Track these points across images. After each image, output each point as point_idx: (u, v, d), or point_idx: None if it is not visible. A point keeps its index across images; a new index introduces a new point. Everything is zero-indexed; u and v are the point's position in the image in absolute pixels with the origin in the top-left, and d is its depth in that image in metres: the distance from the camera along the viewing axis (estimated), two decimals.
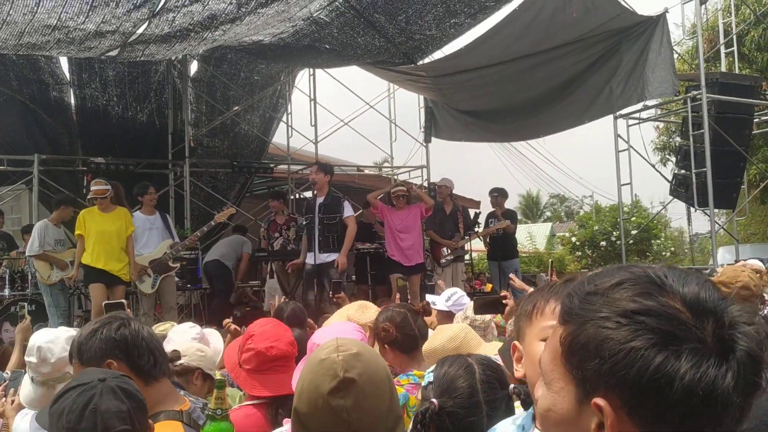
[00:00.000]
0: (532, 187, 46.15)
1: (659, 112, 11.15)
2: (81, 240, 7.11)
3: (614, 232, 25.32)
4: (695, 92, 8.77)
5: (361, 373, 1.30)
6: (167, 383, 2.03)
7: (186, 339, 3.39)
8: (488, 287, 14.09)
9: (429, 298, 4.21)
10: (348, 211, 7.56)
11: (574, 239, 27.22)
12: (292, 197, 11.94)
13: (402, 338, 2.79)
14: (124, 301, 4.72)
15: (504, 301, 3.67)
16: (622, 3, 8.42)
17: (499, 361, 1.76)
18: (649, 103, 9.67)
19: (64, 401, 1.52)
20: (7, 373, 3.80)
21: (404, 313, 2.92)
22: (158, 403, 1.88)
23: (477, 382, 1.54)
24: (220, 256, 9.25)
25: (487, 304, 3.60)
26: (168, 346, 3.47)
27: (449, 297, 4.04)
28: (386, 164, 14.36)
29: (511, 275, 3.90)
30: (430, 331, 3.07)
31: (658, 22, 8.48)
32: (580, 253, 26.65)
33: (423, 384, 1.61)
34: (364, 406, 1.28)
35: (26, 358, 2.69)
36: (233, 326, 3.89)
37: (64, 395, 1.54)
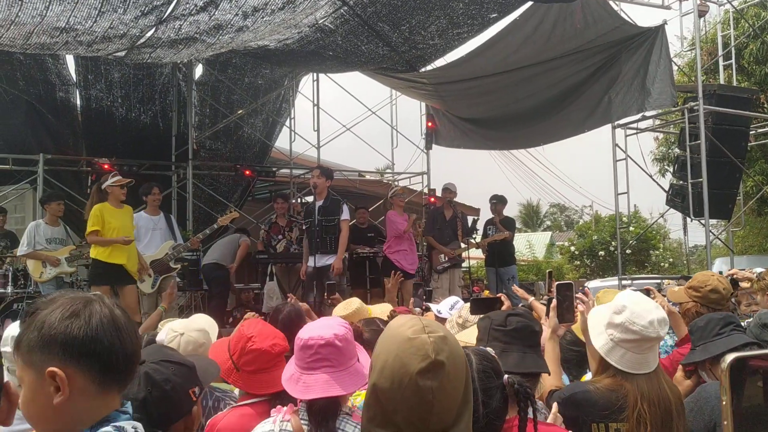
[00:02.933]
0: (532, 195, 46.20)
1: (657, 122, 11.27)
2: (94, 235, 6.74)
3: (613, 242, 25.39)
4: (693, 103, 8.89)
5: (448, 357, 1.33)
6: None
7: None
8: (486, 293, 14.16)
9: (432, 306, 4.33)
10: (345, 214, 7.64)
11: (573, 249, 27.28)
12: (294, 201, 12.04)
13: (369, 335, 2.96)
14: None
15: (500, 302, 3.78)
16: (623, 15, 8.55)
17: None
18: (648, 113, 9.78)
19: None
20: None
21: (373, 320, 3.22)
22: None
23: (474, 372, 1.62)
24: (216, 258, 9.22)
25: (482, 304, 3.70)
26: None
27: (452, 306, 4.17)
28: (387, 170, 14.47)
29: (514, 285, 4.02)
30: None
31: (657, 33, 8.61)
32: (578, 263, 26.71)
33: None
34: (447, 388, 1.32)
35: (1, 349, 2.75)
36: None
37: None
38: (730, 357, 1.27)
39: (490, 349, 1.83)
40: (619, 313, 2.32)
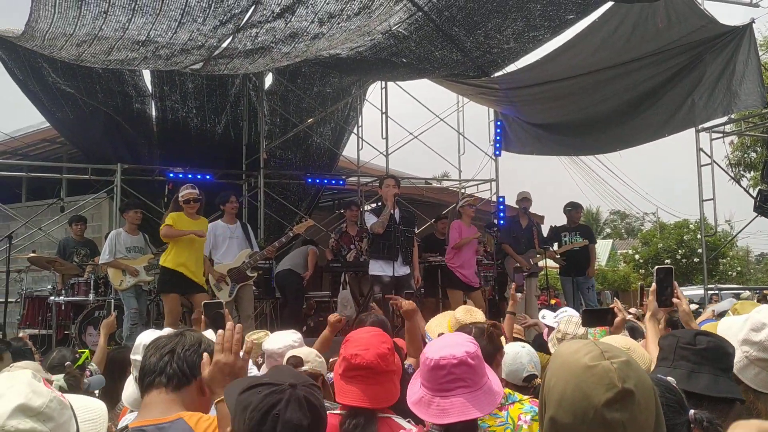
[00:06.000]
0: (595, 201, 45.39)
1: (737, 126, 10.80)
2: (168, 228, 7.00)
3: (679, 250, 24.68)
4: None
5: (636, 384, 1.20)
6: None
7: (293, 346, 3.43)
8: (552, 302, 13.85)
9: (540, 312, 4.34)
10: (416, 228, 7.69)
11: (637, 257, 26.70)
12: (361, 210, 12.00)
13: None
14: (222, 300, 4.76)
15: (612, 313, 3.60)
16: (708, 14, 8.22)
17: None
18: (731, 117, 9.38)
19: (253, 395, 1.51)
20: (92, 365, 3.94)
21: (476, 327, 2.94)
22: None
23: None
24: (292, 265, 9.22)
25: (595, 315, 3.56)
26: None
27: (558, 314, 4.18)
28: (455, 178, 14.30)
29: (615, 300, 3.84)
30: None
31: (745, 32, 8.26)
32: (644, 271, 26.12)
33: None
34: (639, 420, 1.19)
35: (132, 357, 2.74)
36: None
37: (255, 388, 1.53)
38: None
39: (672, 379, 1.67)
40: (758, 331, 2.13)
